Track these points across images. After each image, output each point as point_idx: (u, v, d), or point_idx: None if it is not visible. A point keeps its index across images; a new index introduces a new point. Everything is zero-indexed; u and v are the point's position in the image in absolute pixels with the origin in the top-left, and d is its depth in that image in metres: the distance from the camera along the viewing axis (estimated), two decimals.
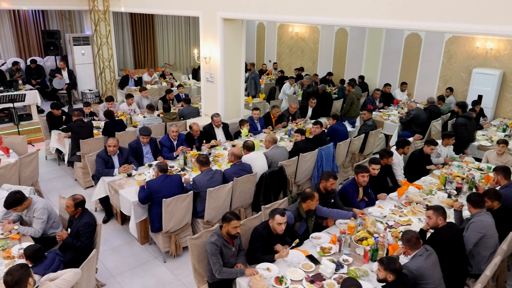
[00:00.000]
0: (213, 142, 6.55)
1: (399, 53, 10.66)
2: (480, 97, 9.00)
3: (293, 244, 3.87)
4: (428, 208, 3.89)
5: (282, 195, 5.86)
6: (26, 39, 11.75)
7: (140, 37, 13.75)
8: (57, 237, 4.04)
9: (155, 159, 6.12)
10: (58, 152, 7.59)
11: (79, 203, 4.05)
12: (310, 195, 4.17)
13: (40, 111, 9.92)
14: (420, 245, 3.47)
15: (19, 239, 4.00)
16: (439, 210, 3.78)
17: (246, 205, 5.52)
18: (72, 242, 3.95)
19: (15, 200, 4.06)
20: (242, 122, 7.14)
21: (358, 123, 8.98)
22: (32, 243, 3.94)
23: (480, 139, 7.42)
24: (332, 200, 4.54)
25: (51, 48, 10.89)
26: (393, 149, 5.88)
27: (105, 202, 5.71)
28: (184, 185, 5.11)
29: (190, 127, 6.43)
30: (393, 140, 8.36)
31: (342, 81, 10.97)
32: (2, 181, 5.21)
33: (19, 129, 8.50)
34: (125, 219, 5.70)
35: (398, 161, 5.69)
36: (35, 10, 11.57)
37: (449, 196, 5.13)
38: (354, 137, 7.21)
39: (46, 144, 7.83)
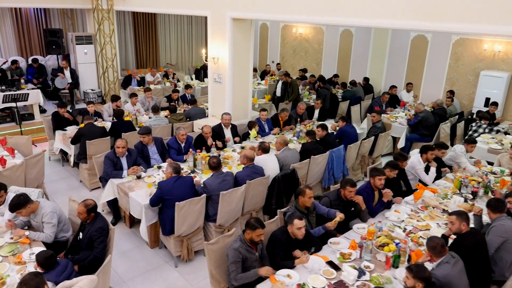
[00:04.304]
0: (219, 144, 6.44)
1: (405, 55, 10.61)
2: (487, 100, 8.94)
3: (312, 250, 3.79)
4: (451, 213, 3.81)
5: (294, 198, 5.76)
6: (28, 38, 11.58)
7: (142, 37, 13.61)
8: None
9: (163, 161, 6.01)
10: (62, 152, 7.45)
11: (91, 209, 3.92)
12: (300, 191, 4.16)
13: (42, 110, 9.78)
14: (445, 252, 3.38)
15: (29, 243, 3.87)
16: (463, 216, 3.70)
17: (257, 209, 5.42)
18: (87, 258, 3.80)
19: (18, 203, 3.91)
20: (251, 124, 7.04)
21: (365, 125, 8.89)
22: (43, 247, 3.82)
23: (490, 142, 7.36)
24: (353, 209, 4.44)
25: (53, 47, 10.74)
26: (416, 154, 5.80)
27: (113, 204, 5.57)
28: (196, 187, 5.00)
29: (201, 129, 6.32)
30: (401, 143, 8.28)
31: (344, 84, 10.87)
32: (8, 183, 5.04)
33: (22, 129, 8.35)
34: (133, 222, 5.58)
35: (420, 167, 5.61)
36: (37, 8, 11.41)
37: (465, 200, 5.06)
38: (363, 139, 7.13)
39: (50, 144, 7.68)
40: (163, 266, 4.82)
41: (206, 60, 7.47)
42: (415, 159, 5.74)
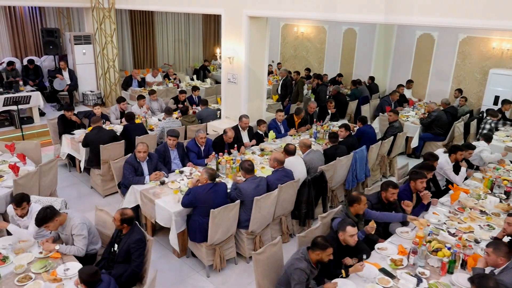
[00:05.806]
0: (242, 149, 6.23)
1: (411, 54, 10.57)
2: (496, 98, 8.97)
3: (364, 257, 3.63)
4: (509, 214, 3.70)
5: (321, 201, 5.60)
6: (23, 38, 11.08)
7: (139, 37, 13.26)
8: None
9: (183, 165, 5.77)
10: (69, 157, 7.10)
11: (125, 219, 3.66)
12: (356, 198, 3.97)
13: (41, 113, 9.36)
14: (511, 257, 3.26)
15: (61, 258, 3.59)
16: None
17: (287, 213, 5.23)
18: (124, 273, 3.56)
19: (45, 216, 3.63)
20: (259, 122, 6.85)
21: (376, 124, 8.80)
22: (76, 262, 3.56)
23: (506, 140, 7.35)
24: (393, 212, 4.30)
25: (50, 47, 10.31)
26: (443, 154, 5.71)
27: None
28: (228, 191, 4.78)
29: (225, 132, 6.07)
30: (414, 142, 8.22)
31: (354, 82, 10.78)
32: (23, 191, 4.72)
33: (23, 133, 7.95)
34: (155, 230, 5.32)
35: (449, 167, 5.51)
36: (32, 8, 10.94)
37: (500, 200, 4.98)
38: (381, 139, 7.01)
39: (55, 149, 7.32)
40: (195, 276, 4.58)
41: (220, 60, 7.20)
42: (442, 159, 5.64)
